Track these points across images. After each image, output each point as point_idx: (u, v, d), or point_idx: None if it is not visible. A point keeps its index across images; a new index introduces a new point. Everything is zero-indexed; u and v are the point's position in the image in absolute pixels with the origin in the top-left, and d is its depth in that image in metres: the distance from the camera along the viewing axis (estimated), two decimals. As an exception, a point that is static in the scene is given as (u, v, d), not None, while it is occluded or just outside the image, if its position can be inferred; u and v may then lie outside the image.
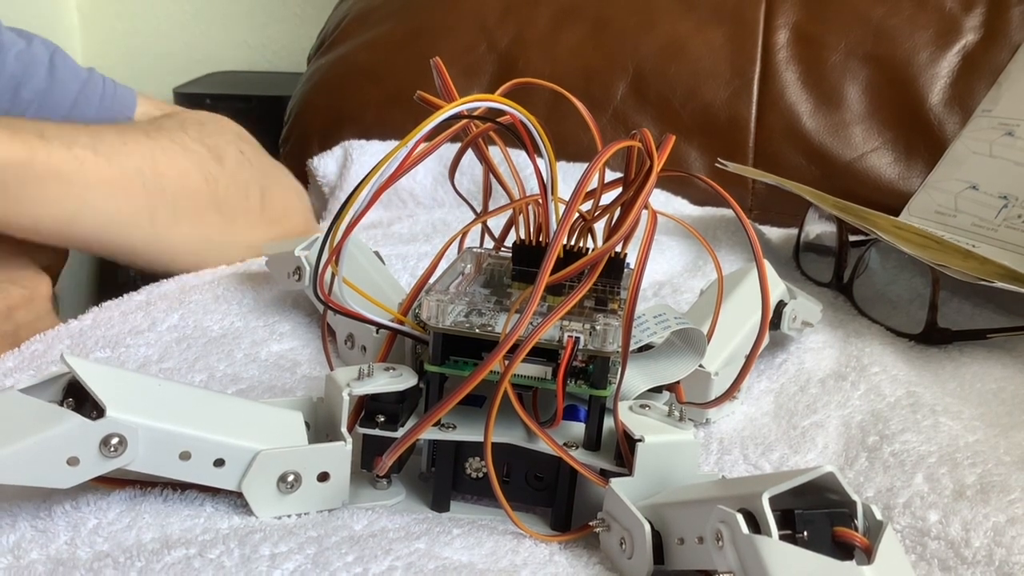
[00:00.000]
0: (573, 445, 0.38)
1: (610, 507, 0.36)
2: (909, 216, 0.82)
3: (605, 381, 0.37)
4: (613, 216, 0.39)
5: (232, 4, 1.71)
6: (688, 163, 0.95)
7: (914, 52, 0.95)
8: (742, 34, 0.98)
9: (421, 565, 0.34)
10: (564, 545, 0.37)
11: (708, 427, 0.47)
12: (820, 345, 0.56)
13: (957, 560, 0.37)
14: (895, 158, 0.93)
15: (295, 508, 0.37)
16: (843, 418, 0.48)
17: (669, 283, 0.67)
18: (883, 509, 0.40)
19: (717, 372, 0.47)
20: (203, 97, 1.50)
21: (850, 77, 0.95)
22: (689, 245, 0.75)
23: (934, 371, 0.55)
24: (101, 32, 1.75)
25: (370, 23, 1.09)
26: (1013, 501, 0.39)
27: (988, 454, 0.43)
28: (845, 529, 0.29)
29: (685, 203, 0.87)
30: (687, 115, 0.97)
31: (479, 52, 1.00)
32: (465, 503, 0.40)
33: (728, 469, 0.44)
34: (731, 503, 0.30)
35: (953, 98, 0.93)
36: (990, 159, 0.79)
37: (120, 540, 0.35)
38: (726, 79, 0.97)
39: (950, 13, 0.96)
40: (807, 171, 0.94)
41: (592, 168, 0.35)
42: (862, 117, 0.94)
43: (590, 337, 0.36)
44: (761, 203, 0.94)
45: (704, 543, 0.32)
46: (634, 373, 0.42)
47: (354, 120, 1.00)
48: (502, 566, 0.35)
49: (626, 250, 0.42)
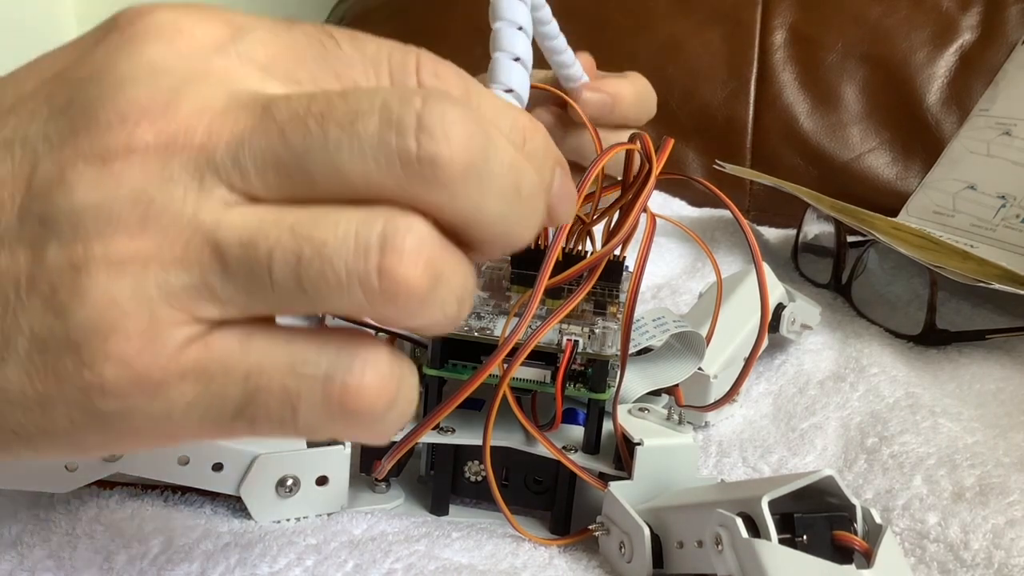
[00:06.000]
0: (572, 448, 0.38)
1: (609, 511, 0.36)
2: (907, 216, 0.82)
3: (604, 384, 0.37)
4: (612, 219, 0.39)
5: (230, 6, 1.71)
6: (686, 164, 0.95)
7: (911, 52, 0.95)
8: (739, 35, 0.98)
9: (421, 566, 0.34)
10: (563, 548, 0.37)
11: (707, 430, 0.47)
12: (819, 346, 0.56)
13: (956, 563, 0.37)
14: (893, 158, 0.93)
15: (294, 512, 0.37)
16: (842, 420, 0.48)
17: (668, 285, 0.67)
18: (882, 511, 0.40)
19: (716, 375, 0.47)
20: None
21: (847, 77, 0.95)
22: (688, 247, 0.74)
23: (933, 372, 0.55)
24: (98, 34, 1.75)
25: (367, 26, 1.09)
26: (1012, 503, 0.39)
27: (987, 456, 0.43)
28: (845, 533, 0.29)
29: (683, 204, 0.87)
30: (684, 116, 0.97)
31: (476, 53, 0.99)
32: (464, 507, 0.40)
33: (727, 472, 0.44)
34: (730, 507, 0.30)
35: (950, 98, 0.93)
36: (988, 159, 0.79)
37: (125, 542, 0.35)
38: (723, 80, 0.97)
39: (947, 13, 0.96)
40: (805, 171, 0.94)
41: (591, 171, 0.35)
42: (859, 117, 0.94)
43: (589, 340, 0.36)
44: (759, 204, 0.94)
45: (703, 547, 0.32)
46: (633, 376, 0.42)
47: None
48: (502, 568, 0.35)
49: (625, 253, 0.42)
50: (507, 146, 0.23)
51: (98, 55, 0.24)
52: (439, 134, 0.21)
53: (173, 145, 0.22)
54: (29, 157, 0.23)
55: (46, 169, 0.23)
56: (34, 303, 0.23)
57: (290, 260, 0.22)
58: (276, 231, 0.22)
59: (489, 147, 0.22)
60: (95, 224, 0.22)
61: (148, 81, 0.23)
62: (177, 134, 0.22)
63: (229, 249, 0.22)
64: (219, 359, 0.23)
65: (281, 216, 0.22)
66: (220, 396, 0.23)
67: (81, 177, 0.22)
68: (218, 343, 0.23)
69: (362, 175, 0.22)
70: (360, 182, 0.22)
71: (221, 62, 0.23)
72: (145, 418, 0.24)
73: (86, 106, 0.23)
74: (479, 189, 0.22)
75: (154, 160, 0.22)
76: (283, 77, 0.24)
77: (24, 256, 0.23)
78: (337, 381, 0.23)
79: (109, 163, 0.22)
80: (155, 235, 0.22)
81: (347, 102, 0.22)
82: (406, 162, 0.22)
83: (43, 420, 0.24)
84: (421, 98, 0.22)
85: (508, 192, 0.23)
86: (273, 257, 0.22)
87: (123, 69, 0.23)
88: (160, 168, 0.22)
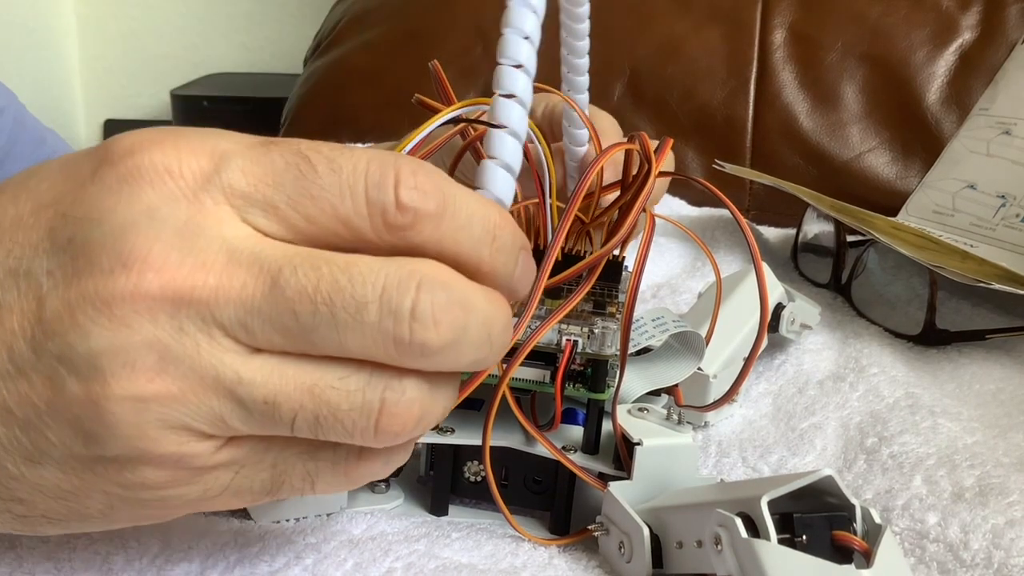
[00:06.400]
0: (571, 449, 0.38)
1: (609, 511, 0.36)
2: (907, 216, 0.82)
3: (603, 384, 0.37)
4: (611, 219, 0.39)
5: (230, 6, 1.71)
6: (685, 163, 0.95)
7: (911, 51, 0.95)
8: (739, 34, 0.98)
9: (421, 565, 0.34)
10: (563, 548, 0.37)
11: (706, 430, 0.47)
12: (818, 346, 0.56)
13: (956, 563, 0.37)
14: (892, 158, 0.93)
15: (293, 512, 0.37)
16: (841, 420, 0.48)
17: (668, 284, 0.67)
18: (882, 511, 0.40)
19: (716, 375, 0.47)
20: (200, 99, 1.50)
21: (847, 77, 0.95)
22: (688, 246, 0.74)
23: (932, 372, 0.55)
24: (98, 35, 1.75)
25: (366, 25, 1.09)
26: (1012, 503, 0.39)
27: (987, 456, 0.43)
28: (844, 533, 0.29)
29: (683, 204, 0.87)
30: (684, 115, 0.97)
31: (476, 54, 0.99)
32: (464, 507, 0.40)
33: (727, 472, 0.44)
34: (730, 507, 0.30)
35: (950, 97, 0.93)
36: (988, 158, 0.79)
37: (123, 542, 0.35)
38: (723, 79, 0.97)
39: (947, 12, 0.96)
40: (804, 171, 0.94)
41: (591, 171, 0.35)
42: (859, 117, 0.94)
43: (588, 340, 0.36)
44: (759, 203, 0.94)
45: (703, 547, 0.32)
46: (632, 376, 0.42)
47: (351, 122, 1.00)
48: (502, 568, 0.35)
49: (624, 253, 0.42)
50: (483, 306, 0.27)
51: (93, 193, 0.25)
52: (430, 323, 0.25)
53: (179, 299, 0.25)
54: (34, 290, 0.25)
55: (54, 306, 0.25)
56: (61, 426, 0.25)
57: (310, 419, 0.26)
58: (298, 394, 0.26)
59: (469, 321, 0.26)
60: (111, 366, 0.24)
61: (146, 229, 0.25)
62: (183, 289, 0.25)
63: (254, 404, 0.26)
64: (246, 453, 0.27)
65: (298, 376, 0.26)
66: (250, 478, 0.28)
67: (93, 322, 0.24)
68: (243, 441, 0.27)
69: (360, 348, 0.26)
70: (358, 351, 0.26)
71: (210, 203, 0.25)
72: (181, 500, 0.27)
73: (87, 248, 0.25)
74: (457, 352, 0.26)
75: (162, 311, 0.24)
76: (263, 205, 0.26)
77: (43, 385, 0.25)
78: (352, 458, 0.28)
79: (118, 309, 0.24)
80: (175, 379, 0.25)
81: (353, 286, 0.25)
82: (399, 344, 0.25)
83: (78, 506, 0.27)
84: (416, 286, 0.25)
85: (482, 343, 0.27)
86: (297, 417, 0.26)
87: (121, 214, 0.25)
88: (169, 318, 0.25)
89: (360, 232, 0.26)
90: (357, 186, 0.26)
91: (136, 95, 1.77)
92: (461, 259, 0.27)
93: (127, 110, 1.77)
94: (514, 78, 0.29)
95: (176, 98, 1.51)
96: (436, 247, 0.26)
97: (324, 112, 1.04)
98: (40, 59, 1.64)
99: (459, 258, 0.27)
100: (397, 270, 0.25)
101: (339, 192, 0.26)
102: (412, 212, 0.26)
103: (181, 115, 1.50)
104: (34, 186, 0.26)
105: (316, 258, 0.25)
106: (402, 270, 0.25)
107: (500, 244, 0.27)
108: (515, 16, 0.29)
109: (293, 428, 0.26)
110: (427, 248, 0.26)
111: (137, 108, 1.77)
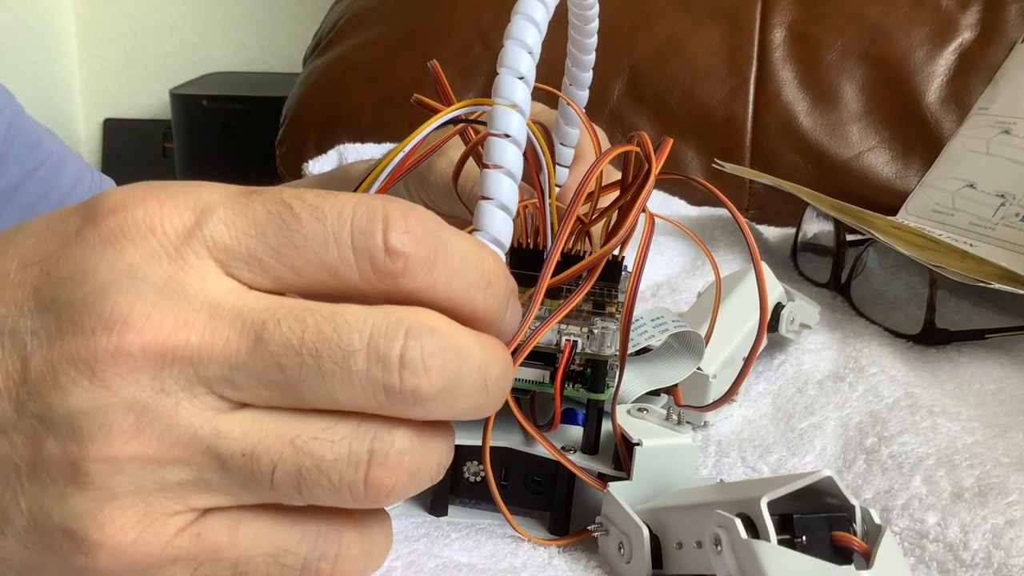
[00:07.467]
0: (571, 449, 0.38)
1: (608, 511, 0.36)
2: (907, 215, 0.82)
3: (603, 385, 0.37)
4: (611, 219, 0.39)
5: (229, 5, 1.71)
6: (685, 163, 0.95)
7: (910, 50, 0.95)
8: (738, 33, 0.98)
9: (421, 564, 0.34)
10: (563, 549, 0.37)
11: (706, 430, 0.47)
12: (818, 346, 0.56)
13: (956, 563, 0.37)
14: (892, 157, 0.93)
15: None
16: (841, 420, 0.48)
17: (667, 284, 0.67)
18: (881, 512, 0.40)
19: (715, 375, 0.47)
20: (200, 98, 1.50)
21: (847, 76, 0.95)
22: (687, 245, 0.74)
23: (932, 372, 0.55)
24: (97, 34, 1.75)
25: (366, 24, 1.09)
26: (1011, 503, 0.39)
27: (986, 456, 0.43)
28: (844, 533, 0.29)
29: (683, 203, 0.87)
30: (684, 115, 0.97)
31: (475, 53, 0.99)
32: (463, 507, 0.40)
33: (726, 472, 0.44)
34: (729, 507, 0.30)
35: (950, 96, 0.93)
36: (987, 157, 0.79)
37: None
38: (722, 78, 0.97)
39: (946, 11, 0.96)
40: (804, 170, 0.94)
41: (592, 171, 0.35)
42: (859, 116, 0.94)
43: (588, 341, 0.36)
44: (758, 203, 0.94)
45: (702, 548, 0.32)
46: (632, 376, 0.42)
47: (350, 122, 1.00)
48: (502, 568, 0.35)
49: (623, 253, 0.42)
50: (477, 352, 0.26)
51: (77, 253, 0.25)
52: (420, 369, 0.24)
53: (161, 358, 0.24)
54: (19, 349, 0.25)
55: (38, 367, 0.24)
56: (34, 488, 0.25)
57: (291, 472, 0.25)
58: (278, 446, 0.25)
59: (463, 367, 0.25)
60: (89, 428, 0.24)
61: (127, 289, 0.24)
62: (164, 348, 0.24)
63: (232, 458, 0.25)
64: (209, 548, 0.26)
65: (280, 428, 0.25)
66: None
67: (74, 384, 0.24)
68: (209, 531, 0.26)
69: (350, 399, 0.25)
70: (348, 403, 0.25)
71: (193, 258, 0.25)
72: None
73: (70, 308, 0.24)
74: (452, 400, 0.25)
75: (143, 371, 0.24)
76: (246, 258, 0.25)
77: (23, 445, 0.25)
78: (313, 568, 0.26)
79: (99, 371, 0.24)
80: (151, 440, 0.24)
81: (339, 335, 0.24)
82: (390, 392, 0.24)
83: None
84: (405, 332, 0.24)
85: (478, 389, 0.26)
86: (276, 469, 0.25)
87: (102, 274, 0.25)
88: (150, 379, 0.24)
89: (348, 280, 0.25)
90: (342, 233, 0.25)
91: (135, 94, 1.77)
92: (454, 305, 0.26)
93: (126, 109, 1.77)
94: (514, 87, 0.29)
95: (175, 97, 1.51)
96: (429, 293, 0.26)
97: (323, 111, 1.04)
98: (39, 58, 1.64)
99: (452, 304, 0.26)
100: (384, 317, 0.25)
101: (323, 240, 0.25)
102: (403, 257, 0.25)
103: (180, 114, 1.50)
104: (21, 241, 0.26)
105: (301, 309, 0.25)
106: (390, 317, 0.25)
107: (494, 290, 0.27)
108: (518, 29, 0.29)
109: (273, 482, 0.25)
110: (420, 294, 0.26)
111: (136, 107, 1.77)
